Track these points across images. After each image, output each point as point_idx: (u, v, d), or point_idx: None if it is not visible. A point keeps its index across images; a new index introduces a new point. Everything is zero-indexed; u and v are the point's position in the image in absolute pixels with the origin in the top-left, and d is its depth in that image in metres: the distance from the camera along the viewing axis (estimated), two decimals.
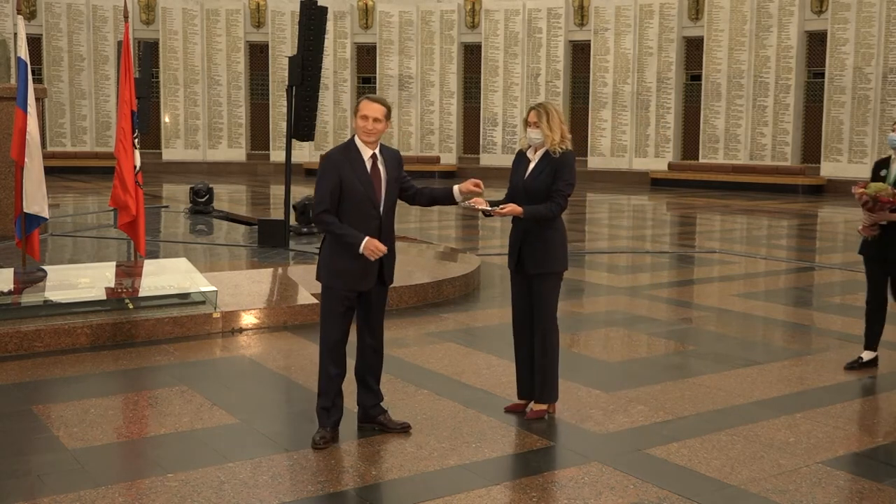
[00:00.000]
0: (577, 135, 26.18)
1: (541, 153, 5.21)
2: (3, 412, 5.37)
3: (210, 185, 15.61)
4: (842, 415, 5.53)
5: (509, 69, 28.86)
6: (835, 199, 21.80)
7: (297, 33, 11.29)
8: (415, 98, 29.64)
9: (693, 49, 27.01)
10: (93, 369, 6.38)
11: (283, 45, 29.23)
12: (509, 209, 5.09)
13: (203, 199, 15.17)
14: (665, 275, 11.14)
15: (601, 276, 10.68)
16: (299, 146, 24.65)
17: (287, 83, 11.13)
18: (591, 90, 28.01)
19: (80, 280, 7.98)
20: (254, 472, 4.44)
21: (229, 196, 20.76)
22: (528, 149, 5.30)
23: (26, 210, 8.16)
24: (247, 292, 8.05)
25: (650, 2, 27.06)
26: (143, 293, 7.67)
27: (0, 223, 10.70)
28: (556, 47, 28.34)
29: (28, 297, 7.44)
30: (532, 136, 5.20)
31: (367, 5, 29.76)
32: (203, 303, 7.56)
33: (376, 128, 4.83)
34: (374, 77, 29.84)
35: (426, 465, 4.59)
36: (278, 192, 20.88)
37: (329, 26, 24.79)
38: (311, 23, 10.95)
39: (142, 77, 13.79)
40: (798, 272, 11.45)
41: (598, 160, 27.95)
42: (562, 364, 5.43)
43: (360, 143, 4.88)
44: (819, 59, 25.02)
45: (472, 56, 29.63)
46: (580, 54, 28.40)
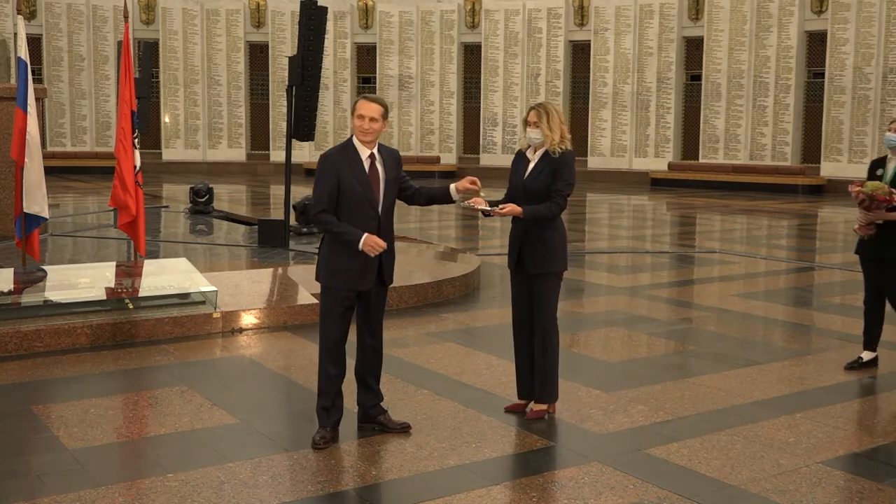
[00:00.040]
0: (577, 135, 26.18)
1: (540, 153, 5.21)
2: (3, 412, 5.37)
3: (210, 185, 15.62)
4: (842, 415, 5.53)
5: (509, 69, 28.87)
6: (835, 199, 21.79)
7: (297, 33, 11.30)
8: (415, 98, 29.64)
9: (693, 49, 27.02)
10: (93, 369, 6.38)
11: (283, 45, 29.23)
12: (509, 209, 5.09)
13: (203, 199, 15.18)
14: (665, 275, 11.14)
15: (601, 276, 10.68)
16: (299, 146, 24.65)
17: (287, 83, 11.14)
18: (591, 90, 28.02)
19: (80, 280, 7.98)
20: (254, 472, 4.44)
21: (229, 196, 20.76)
22: (527, 149, 5.29)
23: (26, 210, 8.16)
24: (247, 292, 8.05)
25: (650, 2, 27.07)
26: (143, 293, 7.67)
27: (0, 223, 10.71)
28: (556, 47, 28.34)
29: (28, 297, 7.44)
30: (532, 135, 5.19)
31: (367, 5, 29.77)
32: (203, 303, 7.57)
33: (373, 127, 4.82)
34: (374, 77, 29.85)
35: (426, 465, 4.59)
36: (278, 192, 20.88)
37: (329, 26, 24.80)
38: (311, 23, 10.95)
39: (142, 77, 13.80)
40: (798, 272, 11.45)
41: (598, 160, 27.95)
42: (562, 364, 5.43)
43: (358, 143, 4.88)
44: (819, 59, 25.03)
45: (472, 56, 29.63)
46: (580, 54, 28.40)
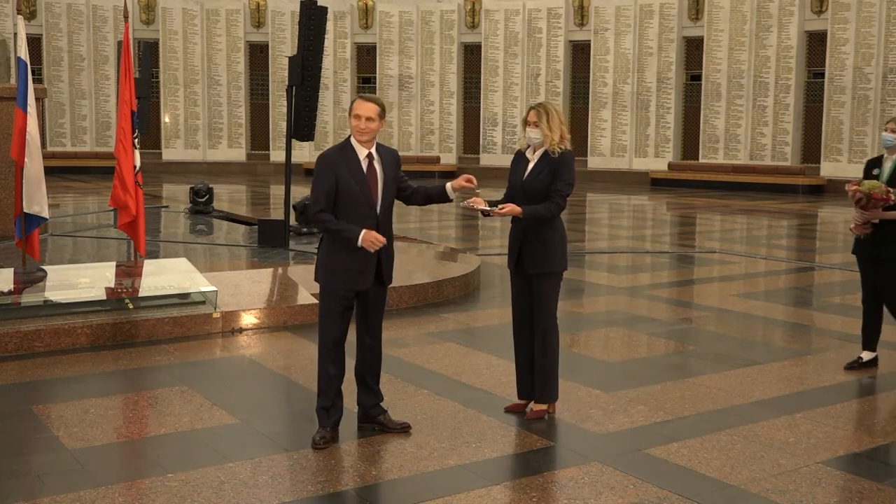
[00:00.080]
0: (577, 135, 26.19)
1: (540, 153, 5.21)
2: (3, 412, 5.37)
3: (210, 185, 15.62)
4: (842, 415, 5.53)
5: (509, 69, 28.87)
6: (835, 199, 21.78)
7: (297, 33, 11.30)
8: (415, 98, 29.65)
9: (693, 49, 27.02)
10: (93, 369, 6.38)
11: (283, 45, 29.23)
12: (508, 209, 5.09)
13: (203, 199, 15.18)
14: (665, 275, 11.14)
15: (601, 276, 10.68)
16: (299, 146, 24.64)
17: (287, 83, 11.14)
18: (591, 90, 28.02)
19: (80, 280, 7.98)
20: (254, 472, 4.44)
21: (229, 196, 20.76)
22: (526, 149, 5.29)
23: (26, 210, 8.16)
24: (247, 292, 8.05)
25: (650, 2, 27.07)
26: (143, 293, 7.66)
27: (0, 223, 10.71)
28: (556, 47, 28.35)
29: (28, 297, 7.44)
30: (531, 135, 5.19)
31: (367, 5, 29.77)
32: (203, 303, 7.57)
33: (369, 127, 4.82)
34: (374, 77, 29.85)
35: (426, 465, 4.59)
36: (278, 192, 20.88)
37: (329, 26, 24.79)
38: (311, 23, 10.95)
39: (142, 77, 13.80)
40: (798, 272, 11.45)
41: (598, 160, 27.95)
42: (562, 364, 5.43)
43: (355, 143, 4.88)
44: (819, 59, 25.03)
45: (472, 56, 29.63)
46: (580, 54, 28.40)
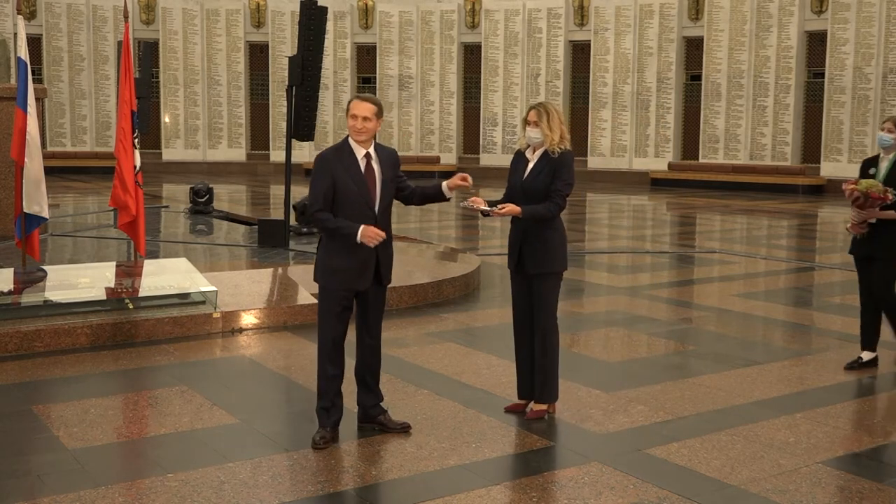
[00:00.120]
0: (577, 135, 26.20)
1: (539, 153, 5.21)
2: (3, 412, 5.37)
3: (210, 185, 15.62)
4: (842, 415, 5.53)
5: (509, 69, 28.86)
6: (835, 199, 21.77)
7: (297, 33, 11.30)
8: (415, 98, 29.64)
9: (693, 49, 27.01)
10: (93, 369, 6.38)
11: (283, 45, 29.23)
12: (508, 209, 5.09)
13: (203, 199, 15.18)
14: (665, 275, 11.14)
15: (601, 276, 10.68)
16: (299, 146, 24.63)
17: (287, 83, 11.14)
18: (591, 90, 28.01)
19: (80, 280, 7.98)
20: (254, 472, 4.44)
21: (229, 196, 20.76)
22: (526, 149, 5.29)
23: (26, 210, 8.16)
24: (247, 292, 8.05)
25: (650, 2, 27.06)
26: (143, 293, 7.66)
27: (0, 223, 10.71)
28: (556, 47, 28.34)
29: (28, 297, 7.43)
30: (531, 135, 5.19)
31: (367, 5, 29.76)
32: (203, 303, 7.57)
33: (366, 126, 4.82)
34: (374, 77, 29.85)
35: (426, 465, 4.59)
36: (278, 192, 20.88)
37: (329, 26, 24.79)
38: (311, 23, 10.95)
39: (142, 77, 13.80)
40: (798, 272, 11.44)
41: (598, 160, 27.95)
42: (562, 364, 5.43)
43: (353, 143, 4.88)
44: (819, 59, 25.03)
45: (472, 56, 29.63)
46: (580, 54, 28.40)
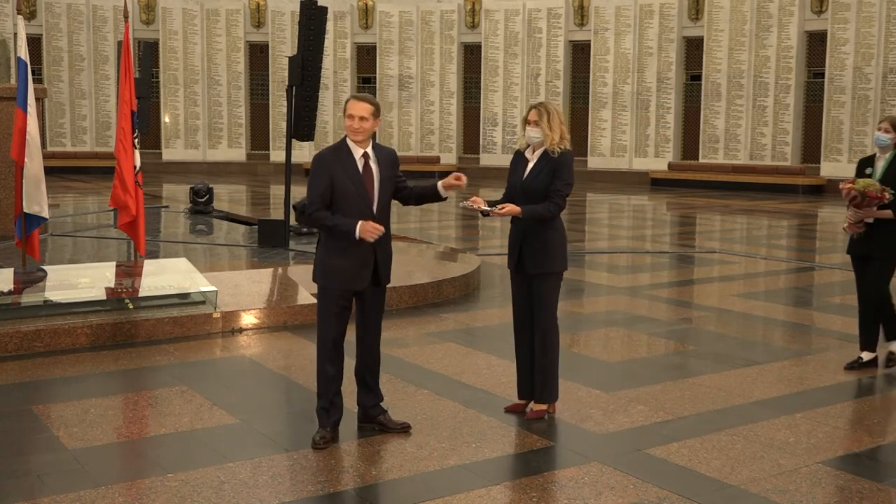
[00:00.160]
0: (577, 135, 26.20)
1: (539, 153, 5.21)
2: (3, 412, 5.37)
3: (210, 185, 15.62)
4: (842, 415, 5.53)
5: (509, 69, 28.86)
6: (835, 199, 21.75)
7: (297, 33, 11.30)
8: (415, 98, 29.64)
9: (693, 49, 27.01)
10: (93, 369, 6.38)
11: (283, 45, 29.23)
12: (507, 209, 5.09)
13: (203, 199, 15.18)
14: (665, 275, 11.14)
15: (601, 276, 10.68)
16: (299, 146, 24.62)
17: (287, 83, 11.14)
18: (591, 90, 28.01)
19: (80, 280, 7.98)
20: (254, 472, 4.44)
21: (229, 196, 20.77)
22: (526, 149, 5.29)
23: (26, 210, 8.16)
24: (247, 292, 8.05)
25: (650, 2, 27.06)
26: (143, 293, 7.66)
27: (0, 223, 10.71)
28: (556, 47, 28.34)
29: (28, 297, 7.43)
30: (531, 134, 5.19)
31: (367, 5, 29.76)
32: (203, 303, 7.56)
33: (363, 126, 4.82)
34: (374, 77, 29.84)
35: (426, 465, 4.59)
36: (278, 192, 20.87)
37: (329, 26, 24.79)
38: (311, 23, 10.95)
39: (142, 77, 13.80)
40: (798, 272, 11.44)
41: (598, 160, 27.95)
42: (562, 364, 5.43)
43: (351, 143, 4.89)
44: (819, 59, 25.03)
45: (472, 56, 29.63)
46: (580, 54, 28.40)
